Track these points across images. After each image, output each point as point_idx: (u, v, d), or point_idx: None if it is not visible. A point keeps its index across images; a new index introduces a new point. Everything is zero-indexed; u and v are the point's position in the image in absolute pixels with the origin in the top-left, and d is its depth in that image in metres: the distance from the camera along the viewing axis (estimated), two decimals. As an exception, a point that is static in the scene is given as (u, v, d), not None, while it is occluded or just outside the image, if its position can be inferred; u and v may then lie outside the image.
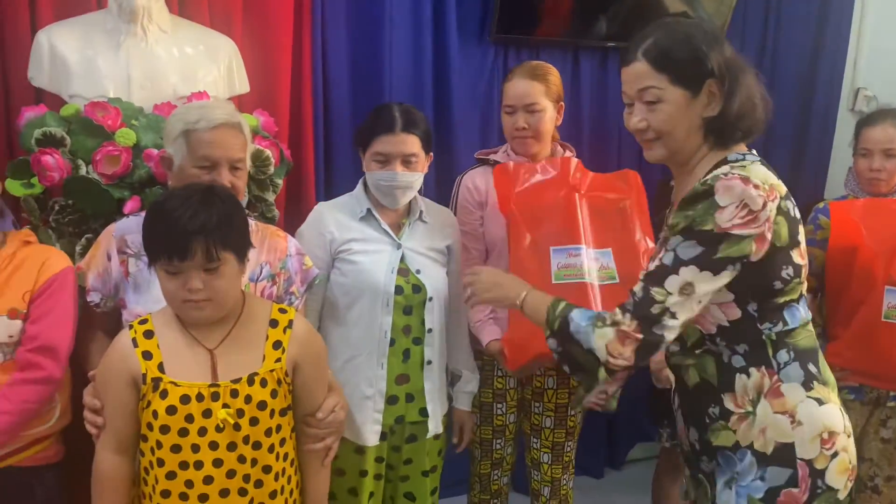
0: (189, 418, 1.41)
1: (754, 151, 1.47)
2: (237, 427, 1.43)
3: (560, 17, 2.91)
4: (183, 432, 1.41)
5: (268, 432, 1.47)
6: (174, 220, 1.37)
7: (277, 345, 1.49)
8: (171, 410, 1.41)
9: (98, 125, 1.91)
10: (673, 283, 1.35)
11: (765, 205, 1.33)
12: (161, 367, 1.44)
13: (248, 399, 1.44)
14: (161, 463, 1.43)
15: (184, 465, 1.42)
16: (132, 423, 1.46)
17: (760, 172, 1.38)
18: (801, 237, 1.43)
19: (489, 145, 2.84)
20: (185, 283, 1.39)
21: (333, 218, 1.98)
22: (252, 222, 1.78)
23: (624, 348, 1.36)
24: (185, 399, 1.41)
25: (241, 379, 1.44)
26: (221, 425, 1.42)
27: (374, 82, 2.68)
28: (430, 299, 1.95)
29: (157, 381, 1.42)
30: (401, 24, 2.70)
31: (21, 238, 1.67)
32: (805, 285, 1.45)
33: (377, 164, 1.93)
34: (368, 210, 1.98)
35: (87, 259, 1.74)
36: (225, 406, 1.42)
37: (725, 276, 1.35)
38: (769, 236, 1.35)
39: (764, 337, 1.42)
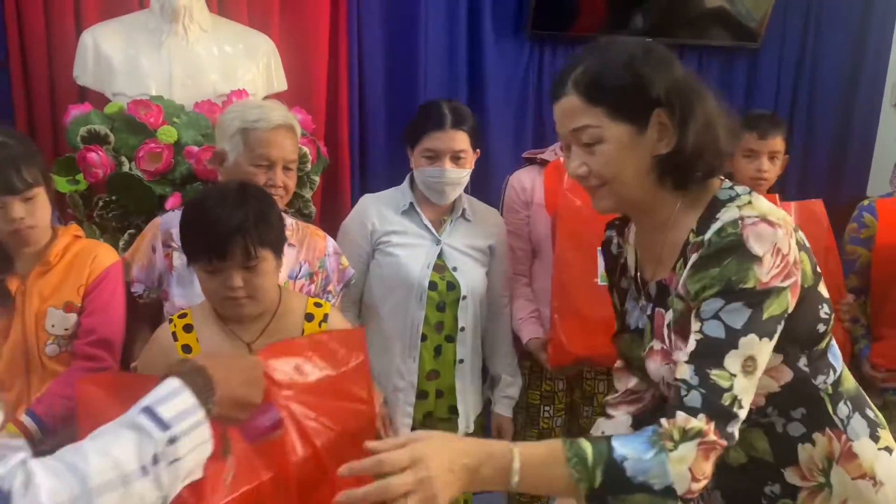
0: None
1: (734, 184, 1.22)
2: None
3: (596, 12, 2.89)
4: (221, 423, 1.45)
5: None
6: (212, 221, 1.40)
7: None
8: None
9: (141, 123, 1.96)
10: (734, 360, 1.05)
11: (790, 246, 1.11)
12: None
13: None
14: (199, 452, 1.46)
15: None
16: None
17: (767, 206, 1.14)
18: (819, 267, 1.22)
19: (523, 143, 2.85)
20: (225, 282, 1.42)
21: (376, 209, 2.02)
22: (292, 221, 1.82)
23: (708, 464, 1.03)
24: None
25: None
26: None
27: (409, 80, 2.70)
28: (464, 297, 1.97)
29: None
30: (436, 21, 2.70)
31: (71, 233, 1.72)
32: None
33: (426, 160, 1.95)
34: (411, 204, 2.00)
35: (132, 251, 1.79)
36: None
37: (774, 340, 1.10)
38: (799, 280, 1.13)
39: (821, 393, 1.21)
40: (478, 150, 2.02)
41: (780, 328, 1.10)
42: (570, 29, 2.87)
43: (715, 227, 1.11)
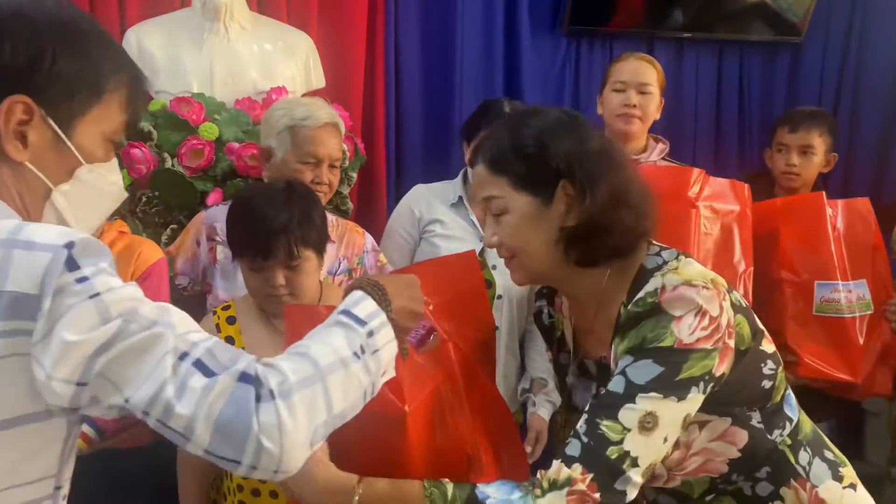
0: None
1: (654, 245, 1.19)
2: None
3: (634, 7, 2.86)
4: (262, 417, 1.46)
5: None
6: (258, 220, 1.43)
7: None
8: None
9: (183, 120, 1.99)
10: (628, 415, 1.02)
11: (721, 307, 1.07)
12: None
13: None
14: (242, 445, 1.48)
15: (263, 448, 1.47)
16: None
17: (693, 269, 1.11)
18: (759, 323, 1.17)
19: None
20: (268, 280, 1.45)
21: (426, 198, 2.03)
22: (332, 217, 1.84)
23: None
24: None
25: None
26: None
27: (446, 76, 2.71)
28: (499, 297, 1.96)
29: None
30: (472, 18, 2.71)
31: (116, 229, 1.74)
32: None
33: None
34: (460, 198, 2.01)
35: (177, 244, 1.82)
36: None
37: (692, 402, 1.05)
38: (732, 344, 1.08)
39: (781, 447, 1.17)
40: None
41: (696, 390, 1.05)
42: (607, 24, 2.86)
43: (638, 296, 1.08)
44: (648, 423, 1.03)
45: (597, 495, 1.00)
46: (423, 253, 2.00)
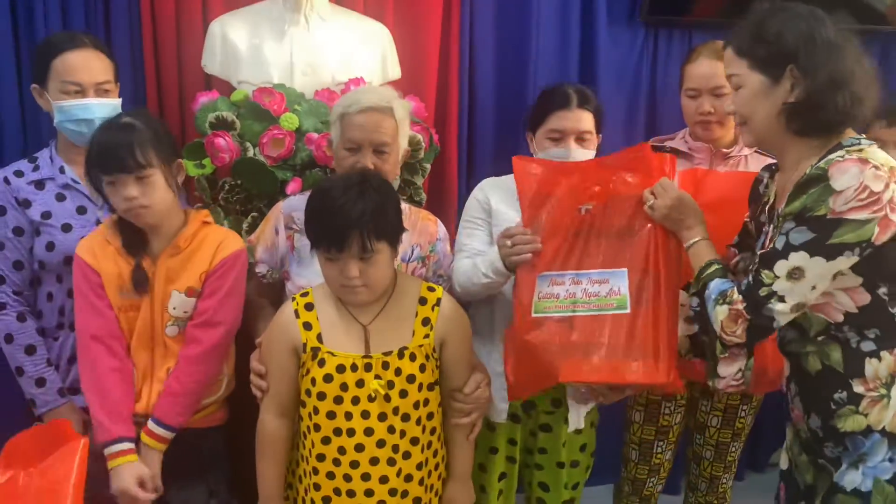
0: (343, 387, 1.50)
1: (863, 137, 1.43)
2: (387, 398, 1.50)
3: (715, -4, 2.79)
4: (338, 400, 1.50)
5: (416, 405, 1.54)
6: (333, 213, 1.46)
7: (426, 321, 1.56)
8: (328, 378, 1.50)
9: (265, 110, 2.04)
10: (781, 267, 1.37)
11: (887, 186, 1.32)
12: (320, 338, 1.53)
13: (398, 372, 1.51)
14: (317, 428, 1.53)
15: (337, 432, 1.52)
16: (293, 389, 1.57)
17: (879, 155, 1.37)
18: None
19: (635, 131, 2.80)
20: (342, 271, 1.48)
21: (494, 191, 2.00)
22: (405, 206, 1.84)
23: (736, 326, 1.42)
24: (340, 368, 1.50)
25: (392, 352, 1.52)
26: (373, 395, 1.50)
27: (520, 67, 2.68)
28: None
29: (315, 350, 1.52)
30: (548, 7, 2.68)
31: (201, 218, 1.79)
32: None
33: (551, 141, 1.90)
34: None
35: (258, 233, 1.87)
36: (377, 377, 1.50)
37: (842, 262, 1.35)
38: (894, 217, 1.33)
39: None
40: (600, 136, 1.97)
41: (849, 254, 1.34)
42: (687, 13, 2.78)
43: (820, 162, 1.37)
44: (795, 275, 1.36)
45: (748, 315, 1.40)
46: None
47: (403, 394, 1.52)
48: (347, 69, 2.21)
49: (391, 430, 1.52)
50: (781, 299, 1.38)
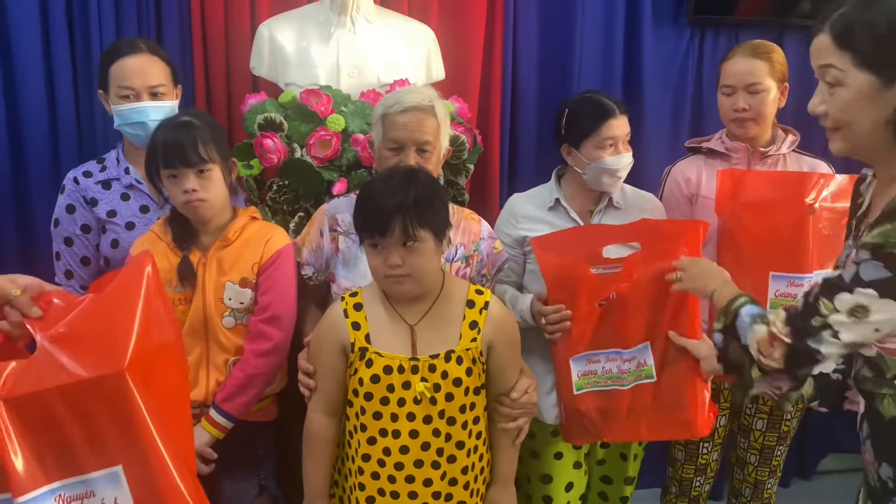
0: (390, 388, 1.50)
1: None
2: (433, 401, 1.50)
3: (763, -5, 2.74)
4: (384, 401, 1.51)
5: (462, 409, 1.53)
6: (376, 199, 1.47)
7: (473, 325, 1.55)
8: (375, 379, 1.50)
9: (312, 111, 2.06)
10: (843, 301, 1.19)
11: None
12: (368, 338, 1.54)
13: (444, 375, 1.51)
14: (363, 428, 1.53)
15: (383, 433, 1.52)
16: (340, 388, 1.57)
17: None
18: None
19: (681, 133, 2.76)
20: (386, 259, 1.48)
21: (522, 207, 2.03)
22: (450, 205, 1.84)
23: (773, 349, 1.27)
24: (387, 369, 1.50)
25: (438, 355, 1.52)
26: (419, 398, 1.50)
27: (563, 68, 2.67)
28: None
29: (363, 350, 1.53)
30: (593, 8, 2.66)
31: (249, 214, 1.83)
32: None
33: (603, 150, 1.90)
34: (557, 200, 1.98)
35: (303, 236, 1.89)
36: (423, 380, 1.50)
37: None
38: None
39: None
40: None
41: None
42: (733, 12, 2.74)
43: None
44: (858, 313, 1.18)
45: (788, 340, 1.25)
46: (532, 261, 1.97)
47: (449, 397, 1.51)
48: (392, 71, 2.22)
49: (436, 433, 1.51)
50: (835, 334, 1.21)
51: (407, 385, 1.50)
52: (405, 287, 1.51)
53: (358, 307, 1.58)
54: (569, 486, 2.00)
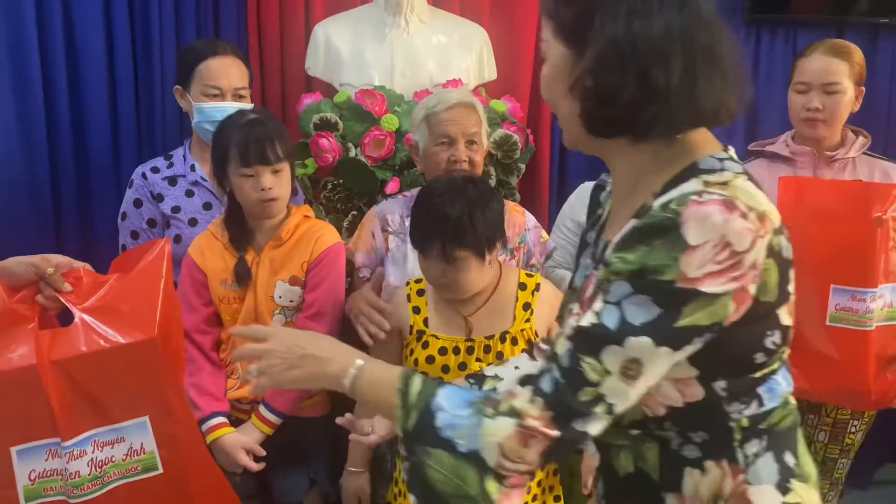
0: (445, 369, 1.65)
1: (731, 151, 1.04)
2: None
3: (821, -8, 2.81)
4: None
5: None
6: (419, 217, 1.64)
7: (527, 306, 1.70)
8: (430, 360, 1.66)
9: (367, 111, 2.20)
10: (614, 357, 0.93)
11: (753, 244, 0.92)
12: (426, 322, 1.70)
13: (499, 356, 1.65)
14: (420, 411, 1.65)
15: (439, 416, 1.63)
16: None
17: (748, 192, 0.95)
18: (792, 287, 1.02)
19: (735, 138, 2.82)
20: (430, 268, 1.64)
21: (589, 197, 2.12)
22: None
23: (527, 450, 0.95)
24: (442, 351, 1.65)
25: (493, 336, 1.66)
26: None
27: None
28: None
29: (421, 332, 1.69)
30: (646, 7, 2.74)
31: (302, 213, 1.95)
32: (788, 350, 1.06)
33: None
34: None
35: (354, 240, 2.03)
36: (478, 360, 1.64)
37: (687, 351, 0.95)
38: (752, 290, 0.95)
39: (732, 423, 1.03)
40: None
41: (698, 340, 0.94)
42: (791, 11, 2.81)
43: (667, 196, 0.96)
44: (631, 371, 0.94)
45: (554, 433, 0.94)
46: None
47: (506, 379, 1.63)
48: (445, 71, 2.36)
49: (490, 414, 1.63)
50: (610, 409, 0.95)
51: (463, 366, 1.64)
52: (449, 295, 1.66)
53: (420, 293, 1.73)
54: None
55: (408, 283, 1.75)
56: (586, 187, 2.18)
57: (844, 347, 1.93)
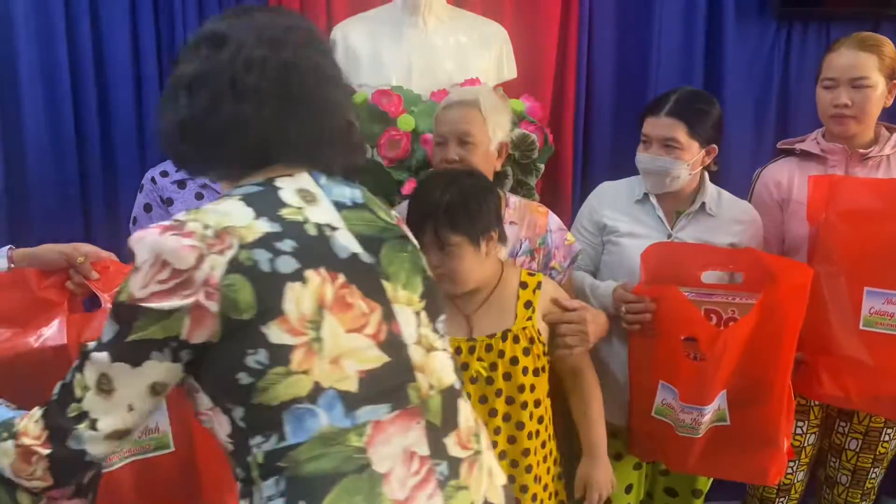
0: None
1: (274, 178, 1.11)
2: (490, 381, 1.69)
3: (856, -14, 2.78)
4: (442, 383, 1.68)
5: (520, 388, 1.70)
6: (413, 203, 1.69)
7: (528, 304, 1.74)
8: None
9: (383, 112, 2.26)
10: (90, 373, 1.01)
11: (200, 261, 0.97)
12: None
13: (501, 354, 1.70)
14: (425, 410, 1.71)
15: (443, 414, 1.68)
16: None
17: (220, 212, 1.03)
18: (300, 301, 1.01)
19: (765, 135, 2.83)
20: (428, 260, 1.65)
21: (610, 197, 2.17)
22: (515, 199, 2.03)
23: (33, 468, 1.03)
24: None
25: (495, 334, 1.71)
26: (475, 376, 1.68)
27: (640, 66, 2.81)
28: None
29: None
30: (671, 4, 2.78)
31: None
32: (338, 374, 1.02)
33: (641, 145, 2.06)
34: (645, 195, 2.11)
35: None
36: (479, 360, 1.68)
37: (154, 369, 1.00)
38: (213, 307, 0.98)
39: (250, 458, 1.02)
40: (713, 147, 2.04)
41: (160, 356, 0.99)
42: (824, 4, 2.79)
43: None
44: (105, 386, 1.01)
45: (46, 451, 1.02)
46: (609, 251, 2.12)
47: (507, 377, 1.69)
48: (464, 70, 2.41)
49: (493, 412, 1.69)
50: (93, 425, 1.01)
51: (465, 366, 1.70)
52: (446, 287, 1.69)
53: None
54: (629, 488, 2.14)
55: None
56: (604, 187, 2.22)
57: (879, 353, 1.91)
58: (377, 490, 1.01)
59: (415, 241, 1.25)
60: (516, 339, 1.70)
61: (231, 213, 1.03)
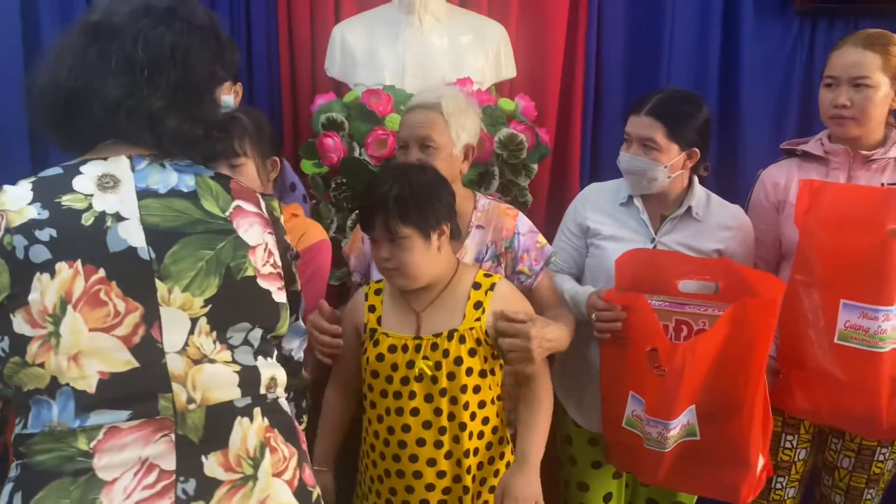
0: (394, 367, 1.74)
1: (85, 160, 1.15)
2: (434, 380, 1.72)
3: (884, -19, 2.69)
4: (389, 380, 1.75)
5: (463, 389, 1.73)
6: (364, 195, 1.75)
7: (478, 305, 1.76)
8: (380, 358, 1.75)
9: (371, 111, 2.34)
10: None
11: None
12: (379, 320, 1.80)
13: (446, 353, 1.73)
14: (373, 405, 1.79)
15: (388, 411, 1.76)
16: (356, 368, 1.83)
17: (6, 192, 1.08)
18: (44, 293, 1.02)
19: (783, 135, 2.76)
20: (377, 253, 1.73)
21: (595, 198, 2.17)
22: (485, 202, 2.02)
23: None
24: (392, 349, 1.74)
25: (441, 334, 1.74)
26: (420, 375, 1.71)
27: (652, 65, 2.79)
28: None
29: (373, 330, 1.79)
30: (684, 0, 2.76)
31: (290, 211, 2.07)
32: (76, 372, 1.03)
33: (624, 143, 2.05)
34: (630, 197, 2.10)
35: (350, 244, 2.14)
36: (425, 358, 1.71)
37: None
38: None
39: (13, 438, 1.08)
40: (694, 150, 2.01)
41: None
42: (849, 1, 2.69)
43: None
44: None
45: None
46: (592, 254, 2.13)
47: (451, 376, 1.72)
48: (459, 70, 2.46)
49: (437, 412, 1.73)
50: None
51: (411, 364, 1.73)
52: (395, 281, 1.74)
53: (378, 293, 1.84)
54: (607, 497, 2.13)
55: (368, 285, 1.86)
56: (590, 189, 2.22)
57: (852, 368, 1.86)
58: (91, 496, 1.00)
59: (246, 239, 1.18)
60: (462, 340, 1.73)
61: (11, 195, 1.06)
